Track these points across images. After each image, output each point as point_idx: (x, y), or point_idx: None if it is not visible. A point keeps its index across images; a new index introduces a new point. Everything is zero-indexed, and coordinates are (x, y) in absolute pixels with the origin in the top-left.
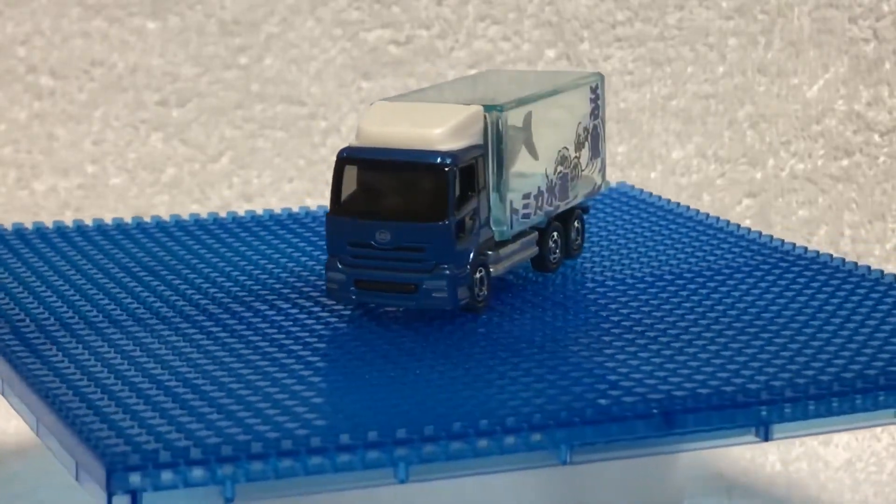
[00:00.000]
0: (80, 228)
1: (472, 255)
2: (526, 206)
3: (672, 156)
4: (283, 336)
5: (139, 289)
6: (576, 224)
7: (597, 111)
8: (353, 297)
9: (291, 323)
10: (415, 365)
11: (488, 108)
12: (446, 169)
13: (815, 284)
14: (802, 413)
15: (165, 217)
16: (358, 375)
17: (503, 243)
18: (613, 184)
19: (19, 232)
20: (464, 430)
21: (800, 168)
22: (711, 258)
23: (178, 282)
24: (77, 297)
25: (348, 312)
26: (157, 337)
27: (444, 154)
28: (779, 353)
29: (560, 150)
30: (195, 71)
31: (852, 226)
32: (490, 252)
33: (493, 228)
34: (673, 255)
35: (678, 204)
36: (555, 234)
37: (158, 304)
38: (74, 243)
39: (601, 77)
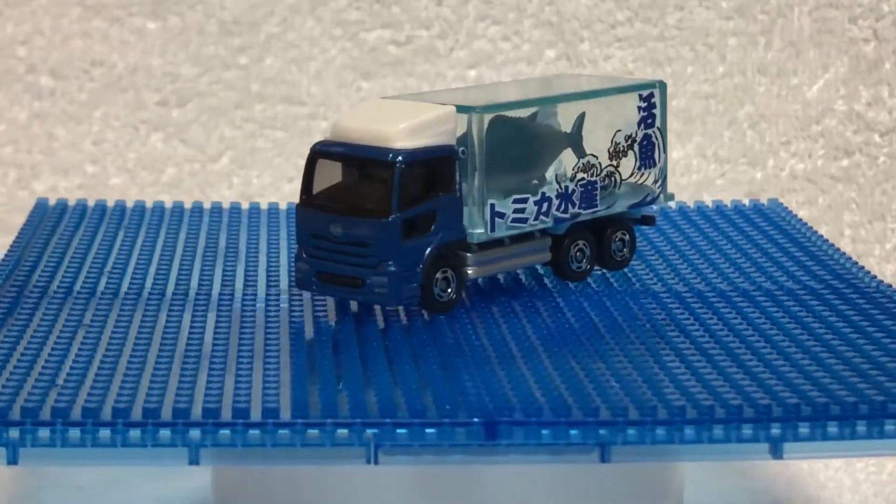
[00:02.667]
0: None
1: (426, 254)
2: (520, 211)
3: (672, 156)
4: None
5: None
6: (620, 234)
7: (650, 119)
8: (315, 287)
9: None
10: (302, 357)
11: (461, 109)
12: (395, 165)
13: (813, 303)
14: (650, 437)
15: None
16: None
17: (489, 246)
18: (763, 201)
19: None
20: (264, 420)
21: (800, 168)
22: (759, 279)
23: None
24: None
25: (320, 305)
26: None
27: (395, 151)
28: (676, 377)
29: (580, 157)
30: (195, 71)
31: (852, 226)
32: (468, 254)
33: (468, 230)
34: (725, 274)
35: (818, 235)
36: (580, 242)
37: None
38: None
39: (658, 85)
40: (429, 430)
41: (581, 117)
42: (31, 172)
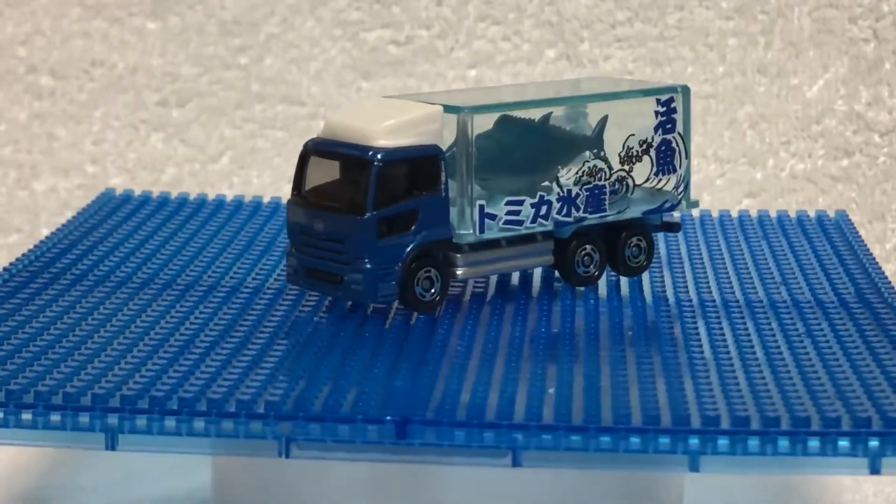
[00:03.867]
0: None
1: (406, 252)
2: (514, 213)
3: None
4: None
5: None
6: (635, 240)
7: (669, 125)
8: (301, 283)
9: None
10: (257, 350)
11: (448, 110)
12: (372, 164)
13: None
14: (564, 443)
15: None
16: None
17: (482, 247)
18: (830, 213)
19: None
20: (180, 408)
21: (800, 168)
22: (774, 291)
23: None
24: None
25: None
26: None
27: (375, 149)
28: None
29: (586, 161)
30: (195, 71)
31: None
32: (458, 254)
33: (456, 231)
34: (744, 284)
35: (867, 252)
36: (588, 246)
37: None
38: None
39: (679, 90)
40: (342, 427)
41: (603, 121)
42: (31, 172)
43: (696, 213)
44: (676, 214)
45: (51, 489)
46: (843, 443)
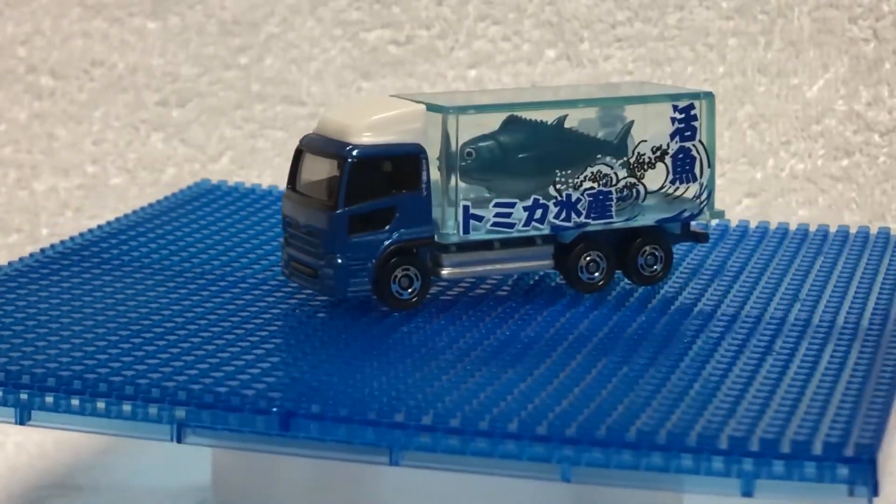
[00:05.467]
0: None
1: (380, 249)
2: (504, 216)
3: None
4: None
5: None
6: (650, 249)
7: (689, 132)
8: (288, 274)
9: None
10: (207, 338)
11: (431, 109)
12: (346, 160)
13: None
14: (442, 445)
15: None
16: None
17: (471, 248)
18: (852, 227)
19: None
20: (83, 388)
21: (800, 168)
22: (781, 307)
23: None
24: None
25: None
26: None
27: (352, 146)
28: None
29: (589, 166)
30: (195, 71)
31: (852, 226)
32: (443, 254)
33: (440, 230)
34: (764, 298)
35: None
36: (593, 253)
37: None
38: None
39: (703, 96)
40: (232, 415)
41: (628, 126)
42: (31, 172)
43: (773, 224)
44: (694, 223)
45: (51, 489)
46: (717, 463)
